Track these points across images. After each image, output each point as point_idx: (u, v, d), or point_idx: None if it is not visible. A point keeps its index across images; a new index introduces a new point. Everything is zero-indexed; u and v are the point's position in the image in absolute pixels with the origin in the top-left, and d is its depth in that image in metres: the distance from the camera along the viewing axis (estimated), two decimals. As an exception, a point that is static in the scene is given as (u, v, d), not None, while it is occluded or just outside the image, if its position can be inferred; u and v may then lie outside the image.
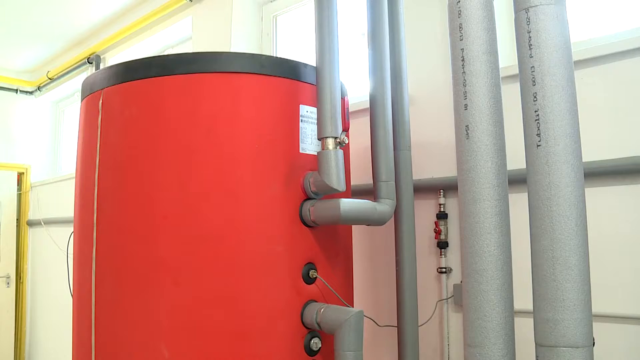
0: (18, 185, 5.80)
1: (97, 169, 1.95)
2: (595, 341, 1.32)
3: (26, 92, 6.00)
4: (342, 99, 1.98)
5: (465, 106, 1.42)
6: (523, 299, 1.74)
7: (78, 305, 2.05)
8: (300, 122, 1.94)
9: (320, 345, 1.90)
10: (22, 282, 5.75)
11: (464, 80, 1.45)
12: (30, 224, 5.78)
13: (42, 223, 5.42)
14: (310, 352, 1.88)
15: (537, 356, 1.29)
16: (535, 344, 1.29)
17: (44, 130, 6.03)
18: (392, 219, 2.31)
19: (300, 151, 1.93)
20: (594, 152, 2.06)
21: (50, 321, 5.38)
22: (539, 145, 1.31)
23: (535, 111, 1.31)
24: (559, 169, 1.28)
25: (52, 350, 5.27)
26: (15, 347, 5.61)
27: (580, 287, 1.25)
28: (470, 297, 1.36)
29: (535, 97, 1.32)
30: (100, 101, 1.98)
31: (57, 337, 5.03)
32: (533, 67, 1.35)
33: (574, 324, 1.24)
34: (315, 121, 1.91)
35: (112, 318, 1.88)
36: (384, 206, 2.04)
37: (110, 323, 1.88)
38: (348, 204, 1.85)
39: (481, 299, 1.34)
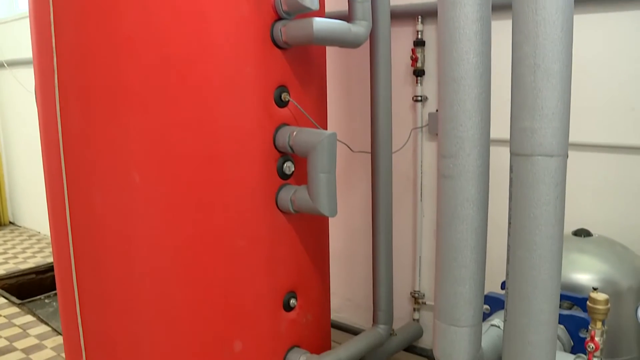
0: (-28, 24, 5.47)
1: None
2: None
3: None
4: None
5: None
6: (501, 128, 1.72)
7: (46, 139, 1.97)
8: None
9: (293, 169, 1.89)
10: (-7, 124, 5.68)
11: None
12: (-7, 66, 5.55)
13: (5, 65, 5.19)
14: (284, 175, 1.87)
15: (511, 166, 1.27)
16: (511, 153, 1.27)
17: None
18: (368, 44, 2.22)
19: (270, -33, 1.78)
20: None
21: (26, 158, 5.48)
22: (528, -57, 1.19)
23: None
24: (547, -32, 1.17)
25: (30, 184, 5.44)
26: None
27: (560, 95, 1.20)
28: (446, 106, 1.31)
29: None
30: None
31: (33, 173, 5.10)
32: None
33: (552, 132, 1.21)
34: None
35: (81, 147, 1.82)
36: (359, 27, 1.94)
37: (79, 152, 1.83)
38: (321, 23, 1.75)
39: (457, 109, 1.29)
